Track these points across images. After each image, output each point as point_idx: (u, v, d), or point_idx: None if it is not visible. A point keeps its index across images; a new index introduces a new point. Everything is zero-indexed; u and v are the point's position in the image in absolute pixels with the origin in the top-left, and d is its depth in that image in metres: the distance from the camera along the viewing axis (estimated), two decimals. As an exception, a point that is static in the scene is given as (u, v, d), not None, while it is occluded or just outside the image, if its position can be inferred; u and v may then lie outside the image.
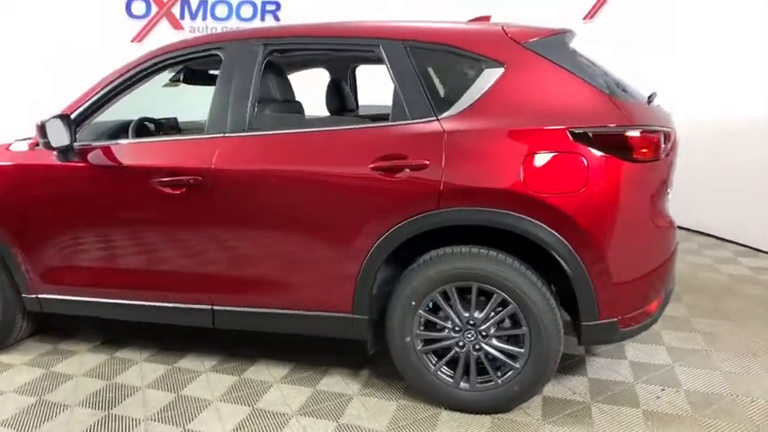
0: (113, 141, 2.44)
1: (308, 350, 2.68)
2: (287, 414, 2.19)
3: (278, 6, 6.38)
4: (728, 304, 3.20)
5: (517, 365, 2.03)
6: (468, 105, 1.99)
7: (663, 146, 1.91)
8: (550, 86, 1.98)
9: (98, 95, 2.44)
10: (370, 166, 2.02)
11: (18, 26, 5.93)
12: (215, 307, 2.35)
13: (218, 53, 2.33)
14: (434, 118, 2.01)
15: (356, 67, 3.31)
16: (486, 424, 2.07)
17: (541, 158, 1.88)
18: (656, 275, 2.02)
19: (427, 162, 1.95)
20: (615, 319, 1.97)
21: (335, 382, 2.42)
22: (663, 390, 2.27)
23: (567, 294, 2.01)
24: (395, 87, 2.08)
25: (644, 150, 1.87)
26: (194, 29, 6.27)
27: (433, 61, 2.10)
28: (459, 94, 2.03)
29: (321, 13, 6.24)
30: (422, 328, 2.12)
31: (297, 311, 2.25)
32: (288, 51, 2.33)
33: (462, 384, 2.12)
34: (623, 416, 2.10)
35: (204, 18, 6.28)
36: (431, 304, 2.09)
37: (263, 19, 6.39)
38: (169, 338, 2.86)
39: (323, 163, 2.12)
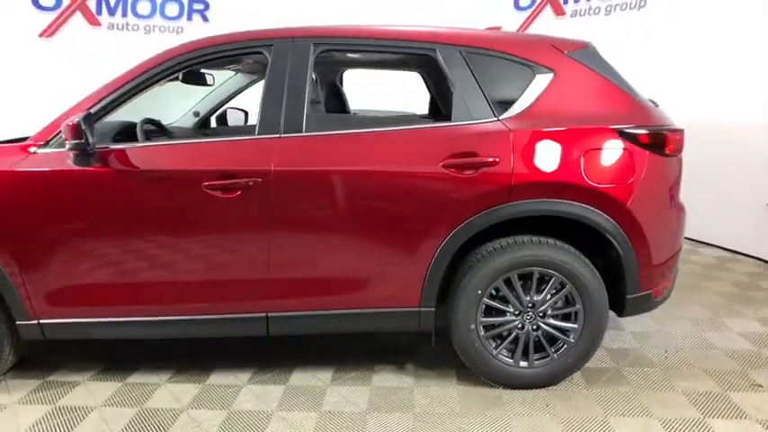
0: (151, 143, 2.23)
1: (339, 351, 2.69)
2: (358, 413, 2.19)
3: (206, 6, 6.08)
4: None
5: (571, 339, 2.27)
6: (526, 107, 2.20)
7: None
8: (591, 91, 2.26)
9: (120, 92, 2.21)
10: (441, 163, 2.13)
11: None
12: (270, 314, 2.26)
13: (264, 51, 2.26)
14: (496, 118, 2.18)
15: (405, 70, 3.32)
16: (542, 395, 2.28)
17: (597, 154, 2.15)
18: (676, 255, 2.40)
19: (498, 159, 2.11)
20: (650, 292, 2.31)
21: (388, 378, 2.46)
22: (666, 351, 2.68)
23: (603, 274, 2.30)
24: (454, 90, 2.22)
25: (673, 147, 2.24)
26: (113, 25, 5.72)
27: (487, 66, 2.26)
28: (516, 97, 2.23)
29: (251, 15, 6.12)
30: (483, 314, 2.27)
31: (363, 310, 2.26)
32: (338, 51, 2.33)
33: (522, 363, 2.31)
34: (649, 373, 2.45)
35: (124, 14, 5.75)
36: (493, 291, 2.25)
37: (189, 18, 6.04)
38: (181, 355, 2.66)
39: (392, 162, 2.17)
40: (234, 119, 3.79)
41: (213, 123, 3.62)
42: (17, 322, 2.27)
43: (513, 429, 2.07)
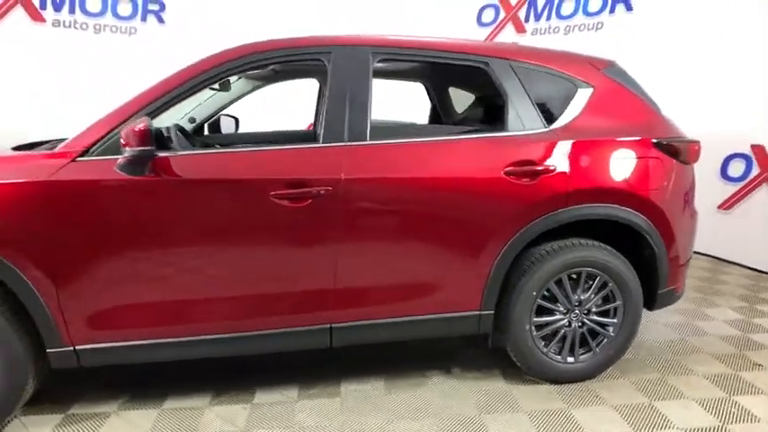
0: (211, 150, 2.09)
1: (369, 363, 2.69)
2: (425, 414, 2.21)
3: (162, 7, 5.74)
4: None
5: (612, 333, 2.46)
6: (572, 118, 2.36)
7: (697, 153, 2.59)
8: (623, 105, 2.47)
9: (170, 95, 2.07)
10: (503, 171, 2.22)
11: None
12: (333, 325, 2.21)
13: (323, 58, 2.22)
14: (547, 129, 2.32)
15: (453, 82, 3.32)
16: (589, 387, 2.44)
17: (638, 162, 2.35)
18: (690, 256, 2.67)
19: (555, 167, 2.25)
20: (674, 287, 2.56)
21: (439, 381, 2.49)
22: (672, 341, 2.97)
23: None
24: (507, 101, 2.33)
25: (692, 156, 2.51)
26: (59, 22, 5.23)
27: (534, 79, 2.39)
28: (561, 109, 2.39)
29: (209, 19, 5.89)
30: (536, 314, 2.38)
31: (427, 316, 2.28)
32: (394, 61, 2.34)
33: (569, 359, 2.45)
34: (668, 360, 2.71)
35: (72, 11, 5.28)
36: (545, 292, 2.38)
37: (144, 19, 5.68)
38: (195, 376, 2.51)
39: (456, 170, 2.22)
40: (226, 126, 3.65)
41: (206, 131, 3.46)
42: (48, 350, 2.03)
43: (576, 418, 2.20)
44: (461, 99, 3.36)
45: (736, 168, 4.28)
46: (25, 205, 1.91)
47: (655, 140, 2.40)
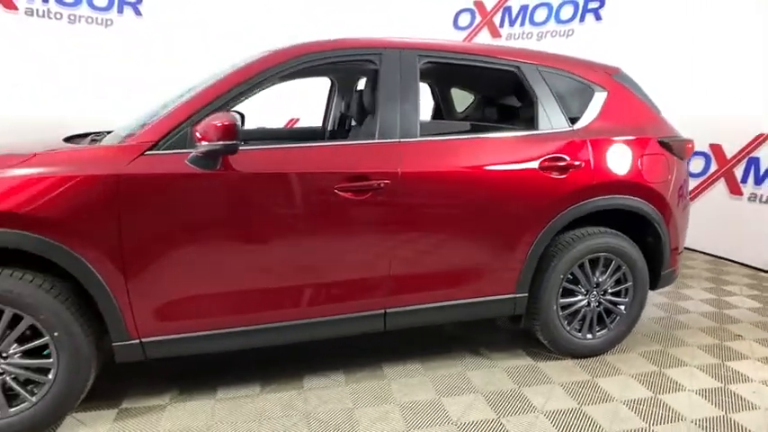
0: (280, 145, 2.16)
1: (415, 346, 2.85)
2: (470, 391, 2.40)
3: (139, -1, 5.58)
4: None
5: (624, 311, 2.75)
6: (592, 119, 2.63)
7: (690, 150, 2.93)
8: (631, 107, 2.77)
9: (232, 93, 2.12)
10: (539, 166, 2.45)
11: None
12: (387, 310, 2.35)
13: (374, 59, 2.35)
14: (572, 128, 2.57)
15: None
16: (605, 360, 2.72)
17: (649, 158, 2.66)
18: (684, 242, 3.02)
19: (583, 162, 2.50)
20: (673, 269, 2.89)
21: (473, 361, 2.69)
22: (662, 318, 3.33)
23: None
24: (537, 102, 2.55)
25: (688, 153, 2.85)
26: (32, 11, 4.98)
27: (557, 83, 2.63)
28: (582, 110, 2.65)
29: (186, 12, 5.79)
30: (561, 296, 2.63)
31: (470, 300, 2.47)
32: (437, 64, 2.49)
33: (588, 336, 2.72)
34: (665, 335, 3.05)
35: (45, 0, 5.01)
36: (569, 275, 2.63)
37: (120, 11, 5.49)
38: (236, 367, 2.58)
39: (499, 164, 2.42)
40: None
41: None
42: (114, 344, 2.04)
43: (602, 387, 2.46)
44: (460, 99, 3.59)
45: (696, 165, 4.77)
46: (96, 198, 1.92)
47: (659, 139, 2.71)
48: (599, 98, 2.68)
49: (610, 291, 2.72)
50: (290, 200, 2.14)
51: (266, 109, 4.75)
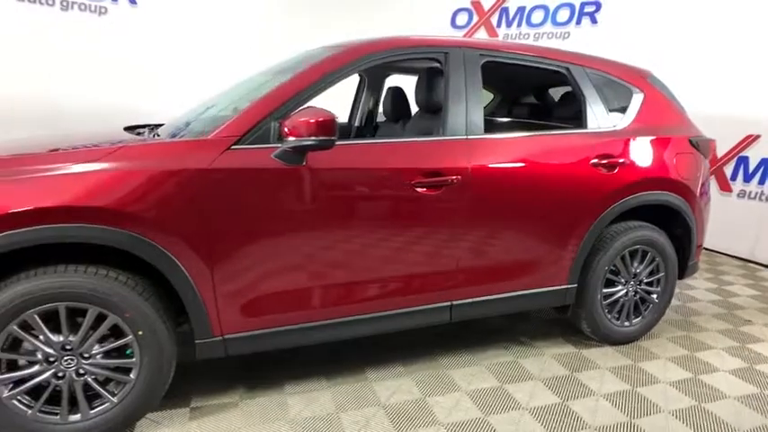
0: (361, 140, 2.17)
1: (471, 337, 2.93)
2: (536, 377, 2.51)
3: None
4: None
5: (656, 300, 2.93)
6: (632, 119, 2.78)
7: (709, 149, 3.14)
8: (663, 108, 2.94)
9: (311, 88, 2.12)
10: (590, 163, 2.57)
11: None
12: (454, 302, 2.42)
13: (440, 58, 2.40)
14: (615, 127, 2.72)
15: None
16: (640, 346, 2.90)
17: (682, 156, 2.84)
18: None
19: (628, 160, 2.65)
20: (696, 261, 3.10)
21: (519, 350, 2.80)
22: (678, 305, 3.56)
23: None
24: (585, 102, 2.68)
25: (711, 151, 3.05)
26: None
27: (601, 84, 2.76)
28: (623, 110, 2.79)
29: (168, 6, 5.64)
30: (604, 286, 2.78)
31: (527, 291, 2.57)
32: (496, 64, 2.56)
33: (625, 323, 2.89)
34: (684, 322, 3.26)
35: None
36: (612, 267, 2.78)
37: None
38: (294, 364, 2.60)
39: (556, 161, 2.53)
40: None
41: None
42: (197, 341, 2.02)
43: (646, 370, 2.63)
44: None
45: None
46: (184, 192, 1.89)
47: (689, 138, 2.91)
48: (637, 99, 2.84)
49: (645, 281, 2.90)
50: (370, 195, 2.16)
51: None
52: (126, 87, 5.34)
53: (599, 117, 2.70)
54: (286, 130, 1.95)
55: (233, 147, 1.97)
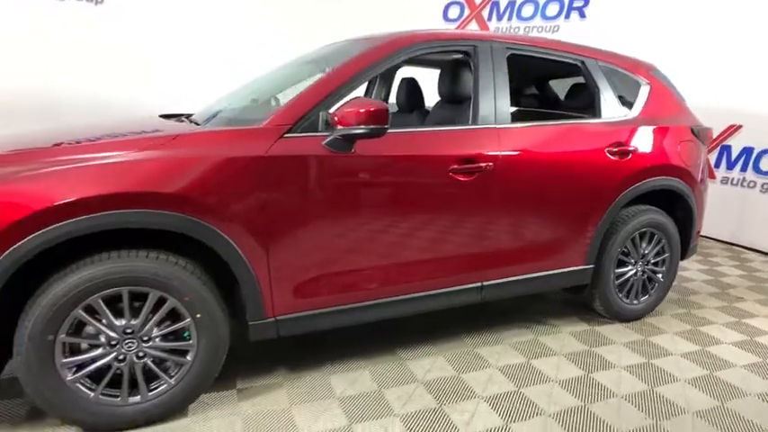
0: (405, 129, 2.25)
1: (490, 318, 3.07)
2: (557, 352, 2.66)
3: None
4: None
5: (661, 279, 3.13)
6: (640, 109, 2.95)
7: (706, 136, 3.35)
8: (666, 99, 3.13)
9: (355, 79, 2.21)
10: (606, 150, 2.73)
11: None
12: (484, 282, 2.54)
13: (470, 51, 2.51)
14: (626, 117, 2.88)
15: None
16: (647, 322, 3.09)
17: (684, 144, 3.03)
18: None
19: (639, 147, 2.82)
20: (696, 243, 3.32)
21: (540, 330, 2.95)
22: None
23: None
24: (599, 93, 2.84)
25: (708, 139, 3.26)
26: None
27: (613, 77, 2.93)
28: (632, 102, 2.96)
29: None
30: (616, 267, 2.96)
31: (550, 272, 2.72)
32: (519, 56, 2.67)
33: (634, 301, 3.08)
34: (692, 300, 3.48)
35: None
36: (624, 249, 2.96)
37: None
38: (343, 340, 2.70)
39: (577, 148, 2.68)
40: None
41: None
42: (251, 323, 2.08)
43: (657, 343, 2.82)
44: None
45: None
46: (242, 179, 1.95)
47: (691, 127, 3.10)
48: (644, 91, 3.02)
49: (652, 261, 3.09)
50: (412, 181, 2.26)
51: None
52: (122, 77, 5.27)
53: (611, 107, 2.86)
54: (336, 119, 2.03)
55: (285, 135, 2.04)
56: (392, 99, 3.68)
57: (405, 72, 3.82)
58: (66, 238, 1.72)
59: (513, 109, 2.84)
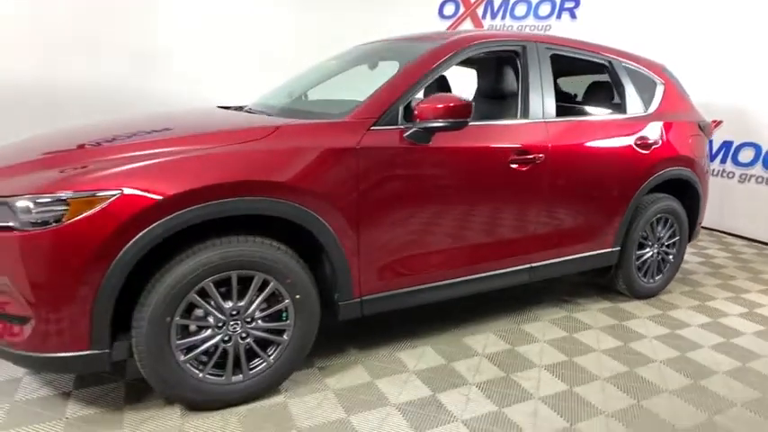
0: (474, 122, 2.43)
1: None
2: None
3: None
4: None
5: (672, 259, 3.47)
6: (657, 106, 3.26)
7: (706, 130, 3.71)
8: (677, 96, 3.45)
9: (427, 76, 2.38)
10: (633, 143, 3.01)
11: None
12: (533, 264, 2.77)
13: (519, 50, 2.72)
14: (647, 113, 3.18)
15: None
16: (662, 299, 3.41)
17: (693, 137, 3.37)
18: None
19: (657, 141, 3.12)
20: (699, 228, 3.68)
21: (571, 307, 3.22)
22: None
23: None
24: (625, 91, 3.12)
25: (711, 132, 3.61)
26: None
27: (634, 76, 3.21)
28: (649, 99, 3.26)
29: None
30: (638, 249, 3.26)
31: (586, 254, 2.98)
32: (558, 56, 2.90)
33: (650, 280, 3.39)
34: (696, 279, 3.84)
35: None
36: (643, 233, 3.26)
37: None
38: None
39: (611, 141, 2.95)
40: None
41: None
42: (341, 303, 2.23)
43: (675, 316, 3.14)
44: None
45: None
46: (337, 168, 2.09)
47: (698, 122, 3.44)
48: (660, 89, 3.33)
49: (665, 244, 3.42)
50: (480, 170, 2.46)
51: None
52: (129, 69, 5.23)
53: (634, 104, 3.15)
54: (416, 112, 2.19)
55: (371, 128, 2.19)
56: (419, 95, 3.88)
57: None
58: (197, 221, 1.82)
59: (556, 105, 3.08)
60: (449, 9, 6.74)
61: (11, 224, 1.71)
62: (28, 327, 1.77)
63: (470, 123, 2.51)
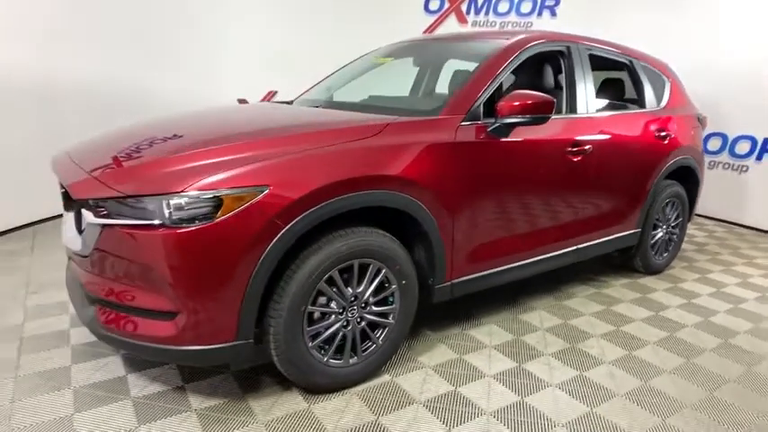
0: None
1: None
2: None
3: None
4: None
5: (677, 239, 3.90)
6: (666, 101, 3.64)
7: (698, 121, 4.16)
8: (679, 91, 3.86)
9: (499, 74, 2.57)
10: (654, 134, 3.37)
11: None
12: (579, 246, 3.06)
13: (565, 50, 2.98)
14: (661, 107, 3.56)
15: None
16: (667, 276, 3.84)
17: (695, 129, 3.79)
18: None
19: (671, 132, 3.50)
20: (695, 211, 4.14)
21: (594, 285, 3.56)
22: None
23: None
24: (644, 88, 3.47)
25: (705, 124, 4.06)
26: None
27: (647, 74, 3.57)
28: (660, 95, 3.64)
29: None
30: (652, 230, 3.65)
31: (616, 236, 3.32)
32: (594, 56, 3.17)
33: (660, 258, 3.80)
34: (695, 257, 4.31)
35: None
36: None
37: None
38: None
39: (640, 132, 3.30)
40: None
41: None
42: (436, 286, 2.41)
43: (687, 288, 3.56)
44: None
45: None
46: (439, 161, 2.26)
47: (697, 115, 3.88)
48: (668, 85, 3.72)
49: (672, 224, 3.84)
50: (548, 161, 2.72)
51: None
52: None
53: (650, 99, 3.52)
54: (498, 110, 2.40)
55: (461, 124, 2.37)
56: (440, 89, 4.07)
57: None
58: (330, 215, 1.94)
59: (599, 100, 3.38)
60: (434, 4, 6.94)
61: (156, 222, 1.75)
62: (176, 321, 1.82)
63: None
